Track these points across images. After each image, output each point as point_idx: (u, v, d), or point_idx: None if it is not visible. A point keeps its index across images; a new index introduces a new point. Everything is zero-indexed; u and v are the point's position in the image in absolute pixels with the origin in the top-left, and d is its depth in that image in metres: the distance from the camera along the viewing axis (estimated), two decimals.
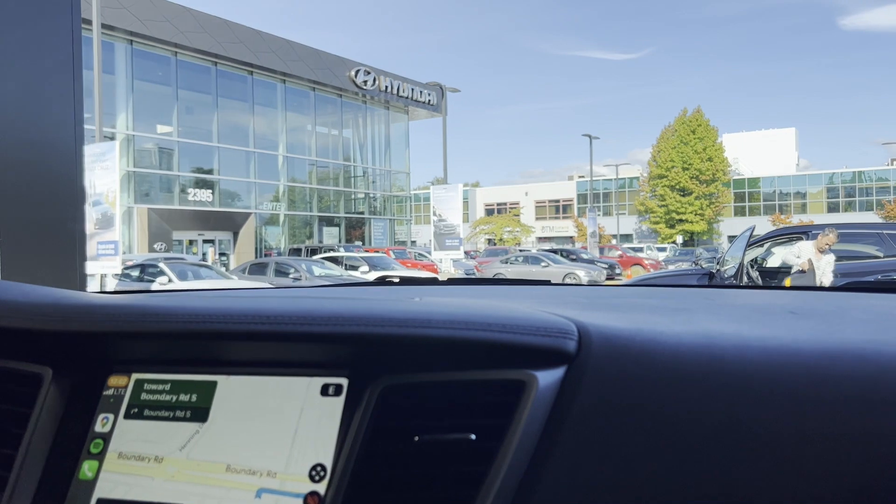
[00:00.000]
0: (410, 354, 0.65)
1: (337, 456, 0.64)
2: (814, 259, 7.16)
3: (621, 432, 0.57)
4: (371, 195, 34.53)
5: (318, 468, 0.64)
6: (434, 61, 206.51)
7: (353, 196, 33.65)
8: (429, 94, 34.77)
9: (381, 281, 1.58)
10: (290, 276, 15.66)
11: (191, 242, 25.92)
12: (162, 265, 13.88)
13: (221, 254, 26.83)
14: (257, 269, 16.67)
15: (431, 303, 0.76)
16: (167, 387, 0.73)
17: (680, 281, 9.14)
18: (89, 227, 13.19)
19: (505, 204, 60.88)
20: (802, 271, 7.17)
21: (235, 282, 14.54)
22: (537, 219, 58.98)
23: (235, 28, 26.39)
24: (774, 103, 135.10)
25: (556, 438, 0.59)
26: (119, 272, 13.32)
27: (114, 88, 23.50)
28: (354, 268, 18.75)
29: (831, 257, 7.30)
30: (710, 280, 8.64)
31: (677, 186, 49.03)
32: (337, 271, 16.68)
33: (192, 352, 0.73)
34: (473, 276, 15.39)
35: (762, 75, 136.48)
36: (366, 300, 0.75)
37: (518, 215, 56.08)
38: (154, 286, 13.40)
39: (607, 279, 23.14)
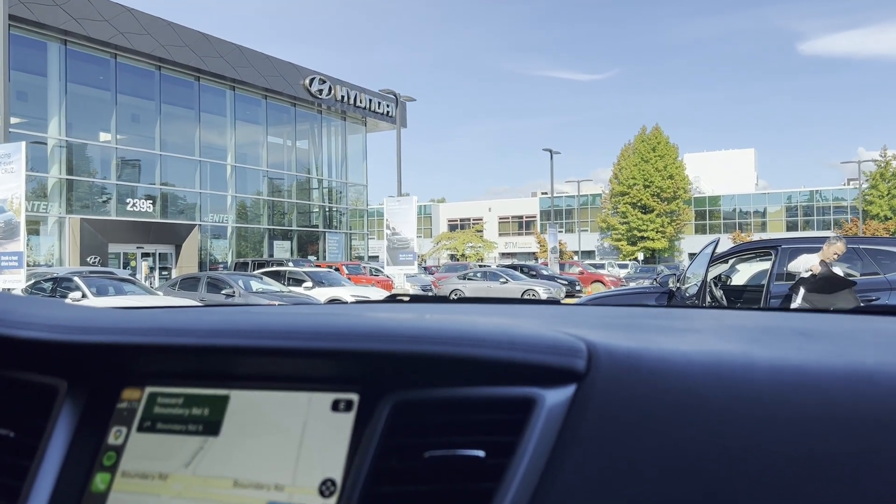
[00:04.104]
0: (421, 371, 0.66)
1: (347, 471, 0.65)
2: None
3: (630, 452, 0.58)
4: (326, 208, 33.37)
5: (329, 483, 0.65)
6: (400, 77, 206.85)
7: (308, 209, 32.45)
8: (387, 106, 33.85)
9: (392, 299, 1.53)
10: (223, 292, 14.47)
11: (135, 255, 24.42)
12: (77, 279, 12.57)
13: (163, 268, 25.35)
14: (188, 284, 15.41)
15: (442, 320, 0.73)
16: (180, 400, 0.74)
17: (637, 300, 8.32)
18: None
19: (468, 219, 60.29)
20: (815, 275, 6.28)
21: (161, 298, 13.33)
22: (500, 235, 58.47)
23: (181, 31, 25.12)
24: (734, 124, 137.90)
25: (565, 457, 0.60)
26: (24, 286, 12.00)
27: (45, 91, 22.04)
28: (299, 283, 17.62)
29: (839, 270, 6.43)
30: (670, 299, 7.80)
31: (639, 204, 48.97)
32: (276, 287, 15.52)
33: (205, 366, 0.74)
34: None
35: (723, 97, 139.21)
36: (377, 317, 0.74)
37: (481, 231, 55.45)
38: (67, 301, 12.08)
39: (567, 296, 22.39)
